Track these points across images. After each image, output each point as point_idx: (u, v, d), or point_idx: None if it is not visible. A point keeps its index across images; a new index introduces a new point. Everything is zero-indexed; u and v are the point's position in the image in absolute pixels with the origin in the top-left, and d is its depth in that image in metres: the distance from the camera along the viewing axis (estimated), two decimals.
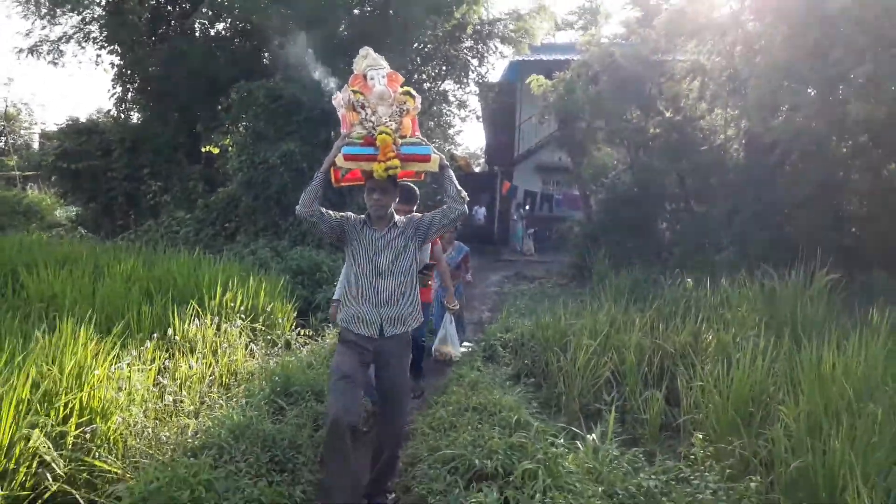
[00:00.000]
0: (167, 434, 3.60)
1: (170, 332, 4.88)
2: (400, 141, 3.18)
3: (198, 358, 4.72)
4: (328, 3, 13.06)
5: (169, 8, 17.13)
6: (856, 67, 5.40)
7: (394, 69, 3.55)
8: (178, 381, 4.31)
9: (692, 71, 11.29)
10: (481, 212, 23.59)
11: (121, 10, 15.50)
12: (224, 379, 4.82)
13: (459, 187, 3.32)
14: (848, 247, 9.52)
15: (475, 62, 16.08)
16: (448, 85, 17.53)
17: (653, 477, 3.05)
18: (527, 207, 20.47)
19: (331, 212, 3.33)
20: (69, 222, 19.60)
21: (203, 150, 17.10)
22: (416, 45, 14.88)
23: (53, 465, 3.05)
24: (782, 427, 3.10)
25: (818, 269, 8.64)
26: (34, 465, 3.04)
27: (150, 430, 3.60)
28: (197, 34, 16.23)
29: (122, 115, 17.39)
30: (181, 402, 4.09)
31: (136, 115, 17.52)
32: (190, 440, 3.54)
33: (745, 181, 10.60)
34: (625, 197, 11.80)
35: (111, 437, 3.43)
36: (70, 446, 3.24)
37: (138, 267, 6.95)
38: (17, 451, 2.96)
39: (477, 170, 32.44)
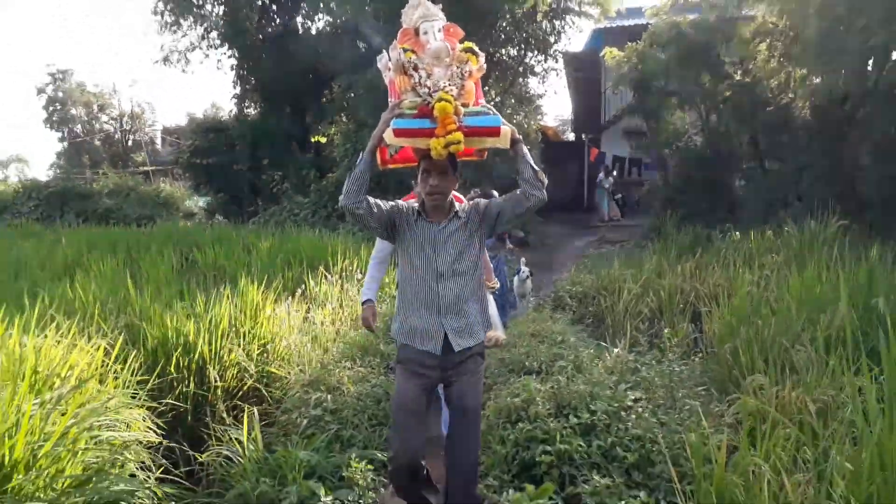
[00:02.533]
0: (316, 353, 5.18)
1: (308, 289, 6.52)
2: (462, 110, 2.63)
3: (329, 308, 6.32)
4: None
5: (274, 7, 18.75)
6: (873, 37, 6.10)
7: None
8: (318, 323, 5.92)
9: (760, 33, 11.74)
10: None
11: (236, 17, 17.52)
12: (349, 323, 6.40)
13: (537, 167, 2.70)
14: None
15: (552, 39, 16.87)
16: (530, 59, 18.32)
17: (652, 371, 4.27)
18: (614, 173, 20.73)
19: (380, 202, 2.79)
20: (202, 211, 22.39)
21: (312, 139, 18.93)
22: (495, 26, 15.88)
23: (248, 370, 4.67)
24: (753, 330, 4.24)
25: (883, 219, 9.33)
26: (235, 370, 4.67)
27: (304, 350, 5.18)
28: (300, 32, 17.98)
29: (242, 112, 19.58)
30: (322, 335, 5.67)
31: (253, 111, 19.67)
32: (331, 356, 5.10)
33: (814, 137, 11.07)
34: (698, 159, 12.47)
35: (279, 355, 5.03)
36: (255, 360, 4.86)
37: (276, 244, 8.76)
38: (227, 358, 4.59)
39: (571, 137, 32.65)
